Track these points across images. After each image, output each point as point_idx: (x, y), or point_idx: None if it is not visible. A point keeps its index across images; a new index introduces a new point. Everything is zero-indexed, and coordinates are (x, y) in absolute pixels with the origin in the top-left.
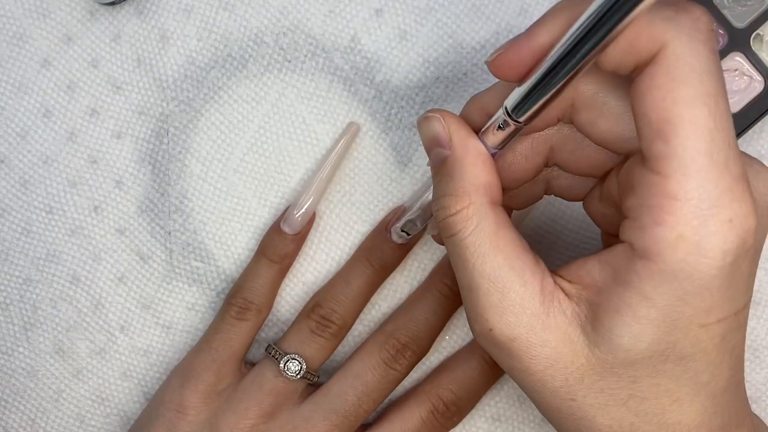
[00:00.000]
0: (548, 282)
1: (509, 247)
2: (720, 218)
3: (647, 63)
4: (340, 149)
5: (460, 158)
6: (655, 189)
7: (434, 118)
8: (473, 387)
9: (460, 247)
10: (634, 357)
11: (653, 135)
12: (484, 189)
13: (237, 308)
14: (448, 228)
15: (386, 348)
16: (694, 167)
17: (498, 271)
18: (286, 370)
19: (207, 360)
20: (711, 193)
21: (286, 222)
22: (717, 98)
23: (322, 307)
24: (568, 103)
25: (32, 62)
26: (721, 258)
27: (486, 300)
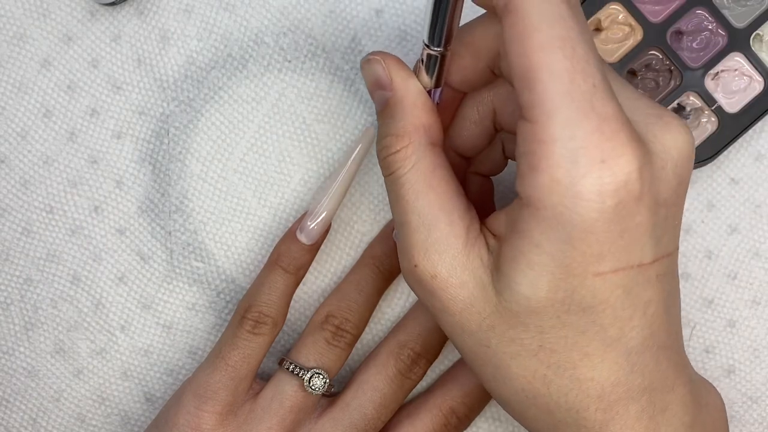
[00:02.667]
0: (474, 228)
1: (443, 187)
2: (589, 159)
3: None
4: (356, 156)
5: (400, 99)
6: (528, 136)
7: (375, 61)
8: (484, 397)
9: (396, 184)
10: (536, 305)
11: (519, 84)
12: (424, 129)
13: (252, 322)
14: (388, 166)
15: (401, 359)
16: (556, 109)
17: (428, 209)
18: (311, 386)
19: (225, 378)
20: (576, 133)
21: (302, 232)
22: (573, 43)
23: (336, 316)
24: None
25: (32, 62)
26: (598, 200)
27: (414, 236)
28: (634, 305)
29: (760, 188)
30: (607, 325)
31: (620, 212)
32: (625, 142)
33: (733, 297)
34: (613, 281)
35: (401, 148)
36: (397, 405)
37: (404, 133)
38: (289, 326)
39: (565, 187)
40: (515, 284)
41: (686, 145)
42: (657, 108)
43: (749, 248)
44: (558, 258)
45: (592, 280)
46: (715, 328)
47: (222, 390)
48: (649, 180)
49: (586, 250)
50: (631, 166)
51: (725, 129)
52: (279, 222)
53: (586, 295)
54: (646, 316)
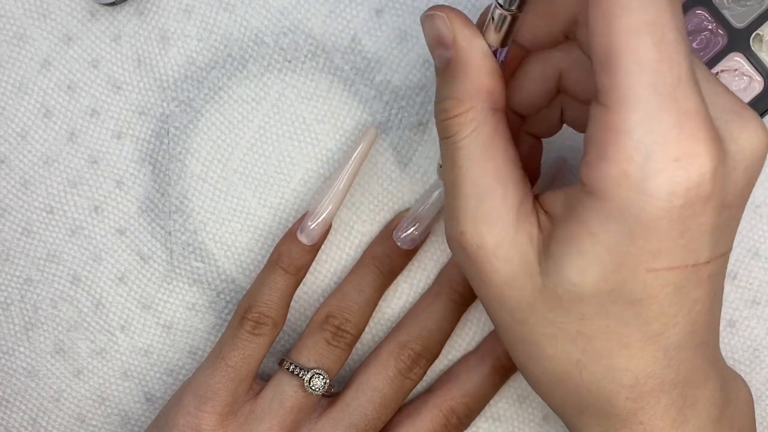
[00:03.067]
0: (527, 203)
1: (500, 157)
2: (665, 155)
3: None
4: (357, 156)
5: (463, 60)
6: (601, 123)
7: (438, 17)
8: (484, 396)
9: (452, 149)
10: (581, 292)
11: (599, 66)
12: (487, 93)
13: (252, 323)
14: (446, 130)
15: (402, 359)
16: (635, 99)
17: (483, 178)
18: (311, 386)
19: (225, 379)
20: (654, 127)
21: (303, 232)
22: (664, 29)
23: (336, 317)
24: (571, 17)
25: (32, 62)
26: (667, 199)
27: (465, 203)
28: (681, 303)
29: (760, 188)
30: (651, 319)
31: (686, 212)
32: (703, 142)
33: (733, 297)
34: (665, 278)
35: (462, 112)
36: (397, 405)
37: (466, 97)
38: (289, 326)
39: (635, 181)
40: (564, 268)
41: (762, 146)
42: (738, 104)
43: (749, 248)
44: (613, 250)
45: (644, 275)
46: None
47: (222, 390)
48: (720, 182)
49: (644, 246)
50: (705, 168)
51: None
52: (279, 222)
53: (635, 288)
54: (691, 314)
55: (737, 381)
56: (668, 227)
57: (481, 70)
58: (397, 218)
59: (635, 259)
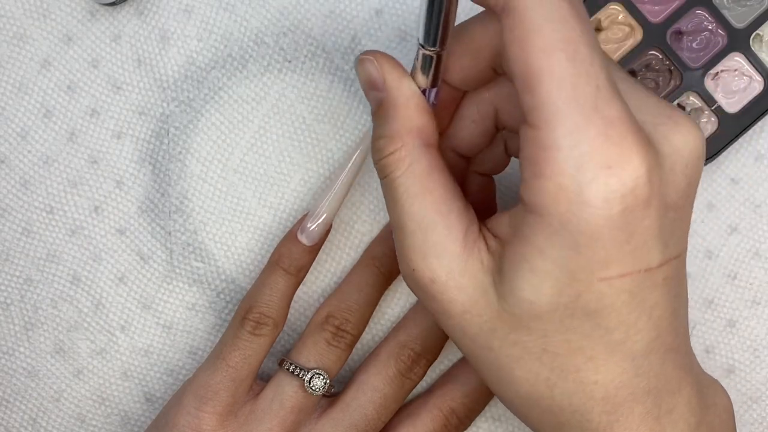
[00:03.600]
0: (473, 230)
1: (439, 190)
2: (595, 164)
3: (501, 9)
4: (357, 158)
5: (392, 100)
6: (532, 142)
7: (368, 61)
8: (484, 397)
9: (391, 188)
10: (539, 310)
11: (522, 88)
12: (417, 131)
13: (253, 323)
14: (382, 169)
15: (402, 359)
16: (558, 114)
17: (424, 212)
18: (311, 387)
19: (225, 379)
20: (581, 139)
21: (303, 233)
22: (576, 44)
23: (336, 317)
24: (494, 50)
25: (32, 62)
26: (604, 206)
27: (411, 240)
28: (639, 309)
29: (760, 188)
30: (612, 329)
31: (627, 218)
32: (632, 146)
33: (733, 297)
34: (619, 286)
35: (394, 150)
36: (397, 405)
37: (397, 135)
38: (289, 326)
39: (571, 194)
40: (518, 289)
41: (696, 145)
42: (666, 107)
43: (749, 248)
44: (562, 264)
45: (597, 285)
46: (715, 328)
47: (222, 391)
48: (657, 183)
49: (592, 257)
50: (638, 171)
51: (725, 129)
52: (279, 222)
53: (590, 299)
54: (652, 319)
55: (715, 387)
56: (611, 235)
57: (410, 108)
58: None
59: (585, 270)
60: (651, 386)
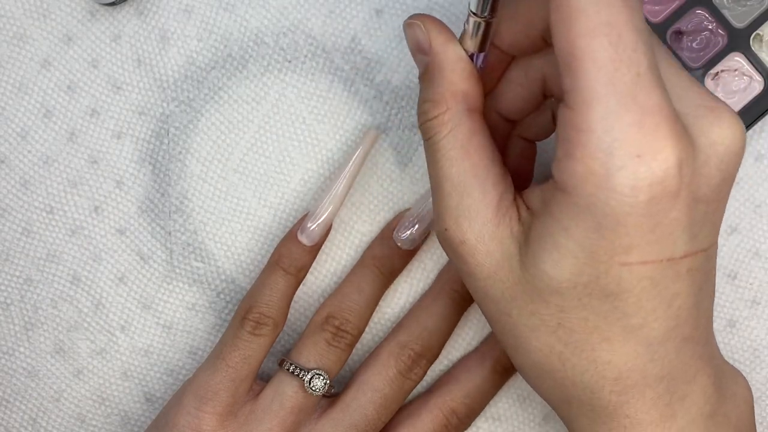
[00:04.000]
0: (507, 197)
1: (478, 155)
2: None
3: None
4: (357, 158)
5: (438, 64)
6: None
7: (415, 25)
8: (484, 397)
9: (432, 150)
10: (558, 285)
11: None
12: (462, 95)
13: (253, 323)
14: (426, 131)
15: (402, 359)
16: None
17: (462, 176)
18: (311, 387)
19: (225, 379)
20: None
21: (303, 233)
22: (620, 29)
23: (336, 317)
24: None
25: (32, 62)
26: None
27: (446, 201)
28: (659, 297)
29: (760, 188)
30: (630, 314)
31: (653, 207)
32: (665, 137)
33: (733, 297)
34: (640, 272)
35: (438, 114)
36: (397, 405)
37: (441, 99)
38: (289, 326)
39: (600, 178)
40: (540, 262)
41: (735, 140)
42: (709, 98)
43: (749, 248)
44: (584, 244)
45: (617, 269)
46: (715, 328)
47: (222, 391)
48: (689, 176)
49: (615, 240)
50: (668, 162)
51: None
52: (279, 222)
53: (610, 282)
54: (672, 308)
55: (736, 378)
56: (636, 222)
57: (455, 73)
58: (398, 218)
59: (607, 253)
60: (665, 373)
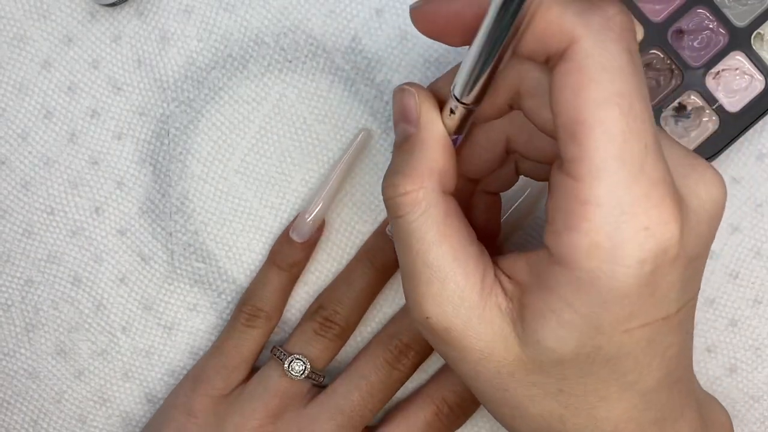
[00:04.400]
0: (489, 275)
1: (455, 237)
2: (635, 225)
3: (559, 57)
4: (349, 157)
5: (423, 140)
6: (569, 193)
7: (409, 92)
8: None
9: (405, 232)
10: (561, 358)
11: (566, 136)
12: (439, 175)
13: (247, 315)
14: (396, 208)
15: (389, 348)
16: (605, 171)
17: (441, 261)
18: (290, 370)
19: (217, 365)
20: (623, 199)
21: (295, 230)
22: (631, 99)
23: (325, 308)
24: (515, 88)
25: (33, 63)
26: (637, 266)
27: (426, 288)
28: (654, 352)
29: (762, 187)
30: (627, 372)
31: (655, 275)
32: (670, 208)
33: (735, 296)
34: (639, 335)
35: (411, 190)
36: (384, 395)
37: (417, 175)
38: (291, 325)
39: (605, 252)
40: (543, 339)
41: (720, 196)
42: (690, 156)
43: (751, 247)
44: (590, 318)
45: (619, 336)
46: (716, 328)
47: (215, 376)
48: (685, 241)
49: (619, 312)
50: (672, 233)
51: (726, 128)
52: (280, 222)
53: (611, 349)
54: (665, 359)
55: (713, 405)
56: (639, 291)
57: (437, 151)
58: None
59: (611, 324)
60: (658, 416)
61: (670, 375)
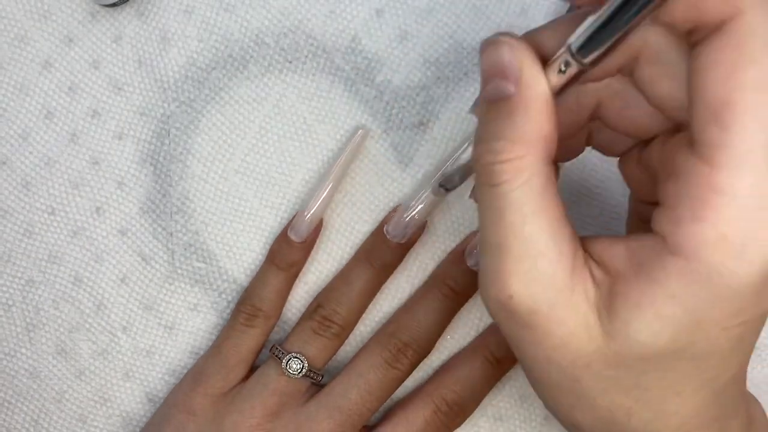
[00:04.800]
0: (579, 259)
1: (553, 211)
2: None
3: (713, 29)
4: (346, 156)
5: (528, 101)
6: (701, 180)
7: (505, 44)
8: (476, 387)
9: (500, 200)
10: (649, 353)
11: (709, 117)
12: (545, 142)
13: (245, 315)
14: (493, 175)
15: (388, 347)
16: (750, 161)
17: (537, 236)
18: (288, 369)
19: (216, 364)
20: (764, 194)
21: (293, 229)
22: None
23: (324, 307)
24: (633, 53)
25: (33, 64)
26: (761, 265)
27: (515, 264)
28: (740, 350)
29: None
30: (709, 368)
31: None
32: None
33: None
34: (735, 332)
35: (515, 157)
36: (383, 394)
37: (523, 141)
38: (291, 325)
39: (733, 246)
40: (633, 332)
41: None
42: None
43: None
44: (694, 313)
45: (717, 333)
46: None
47: (213, 375)
48: None
49: (727, 309)
50: None
51: None
52: (281, 222)
53: (705, 346)
54: (744, 356)
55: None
56: (753, 290)
57: (543, 114)
58: (391, 214)
59: (714, 321)
60: (719, 414)
61: (739, 373)
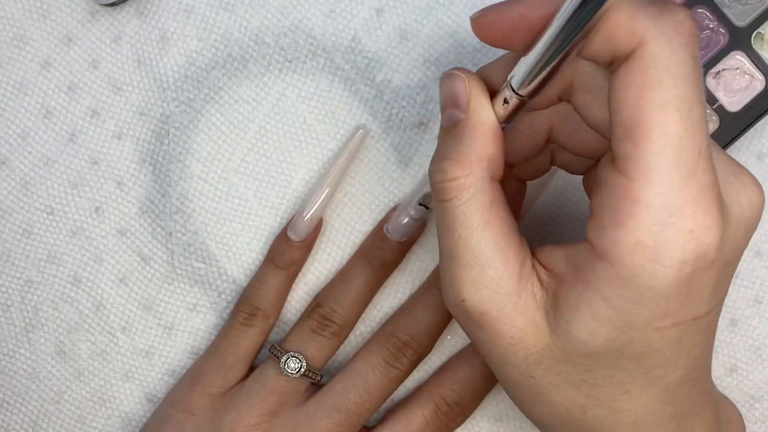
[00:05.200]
0: (527, 265)
1: (499, 224)
2: (680, 228)
3: (625, 58)
4: (346, 156)
5: (474, 126)
6: (619, 190)
7: (458, 78)
8: (476, 386)
9: (449, 215)
10: (591, 350)
11: (624, 134)
12: (488, 162)
13: (244, 314)
14: (442, 192)
15: (387, 347)
16: (659, 173)
17: (483, 246)
18: (286, 368)
19: (214, 364)
20: (673, 201)
21: (292, 229)
22: (691, 104)
23: (323, 307)
24: (568, 82)
25: (33, 63)
26: (678, 268)
27: (464, 272)
28: (681, 350)
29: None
30: (654, 367)
31: (692, 277)
32: (715, 214)
33: (735, 296)
34: (670, 333)
35: (459, 176)
36: (382, 394)
37: (467, 161)
38: (290, 324)
39: (649, 251)
40: (575, 330)
41: (760, 205)
42: (733, 164)
43: (751, 247)
44: (624, 314)
45: (651, 333)
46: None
47: (212, 374)
48: (723, 246)
49: (654, 309)
50: (714, 237)
51: (726, 128)
52: (280, 222)
53: (641, 345)
54: (690, 357)
55: (728, 405)
56: (676, 291)
57: (487, 137)
58: (391, 213)
59: (644, 320)
60: (676, 412)
61: (692, 373)
